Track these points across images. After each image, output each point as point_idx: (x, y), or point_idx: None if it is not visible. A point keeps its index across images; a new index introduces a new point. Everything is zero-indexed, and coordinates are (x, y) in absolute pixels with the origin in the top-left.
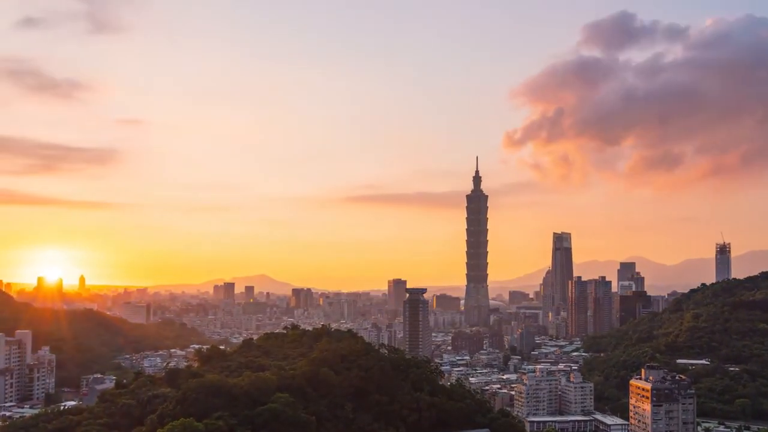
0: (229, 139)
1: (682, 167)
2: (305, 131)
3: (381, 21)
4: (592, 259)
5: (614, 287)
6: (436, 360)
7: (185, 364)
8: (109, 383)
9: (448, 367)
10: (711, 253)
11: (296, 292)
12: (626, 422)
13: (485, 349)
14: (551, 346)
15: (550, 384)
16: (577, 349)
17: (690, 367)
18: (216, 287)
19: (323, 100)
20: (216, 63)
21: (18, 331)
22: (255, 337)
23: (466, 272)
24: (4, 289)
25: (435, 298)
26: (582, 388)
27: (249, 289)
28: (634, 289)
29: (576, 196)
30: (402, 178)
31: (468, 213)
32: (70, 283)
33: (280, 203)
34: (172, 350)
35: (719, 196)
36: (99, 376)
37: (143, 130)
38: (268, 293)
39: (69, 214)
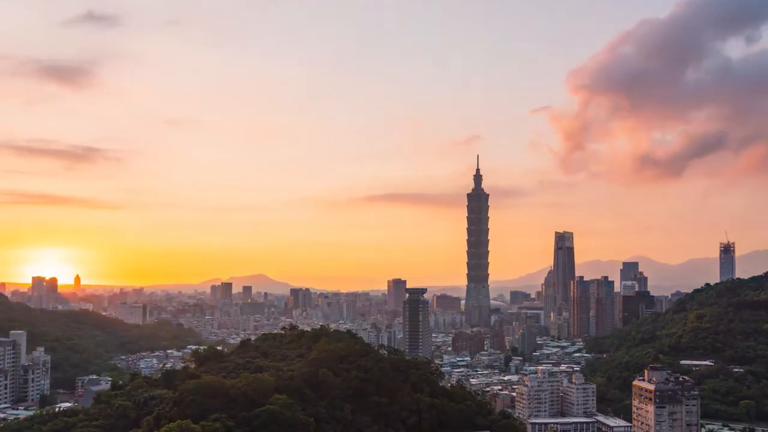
0: (231, 139)
1: (690, 164)
2: (305, 133)
3: (387, 23)
4: (595, 258)
5: (617, 287)
6: (437, 361)
7: (182, 365)
8: (104, 384)
9: (448, 368)
10: (715, 253)
11: (294, 292)
12: (629, 424)
13: (486, 350)
14: (553, 346)
15: (551, 385)
16: (579, 350)
17: (694, 368)
18: (213, 287)
19: (325, 99)
20: (241, 63)
21: (12, 331)
22: (253, 337)
23: (466, 272)
24: None
25: (435, 298)
26: (584, 389)
27: (247, 289)
28: (637, 289)
29: (578, 195)
30: (402, 177)
31: (469, 212)
32: (66, 282)
33: (279, 203)
34: (169, 351)
35: (723, 195)
36: (94, 377)
37: (162, 130)
38: (266, 293)
39: (70, 213)
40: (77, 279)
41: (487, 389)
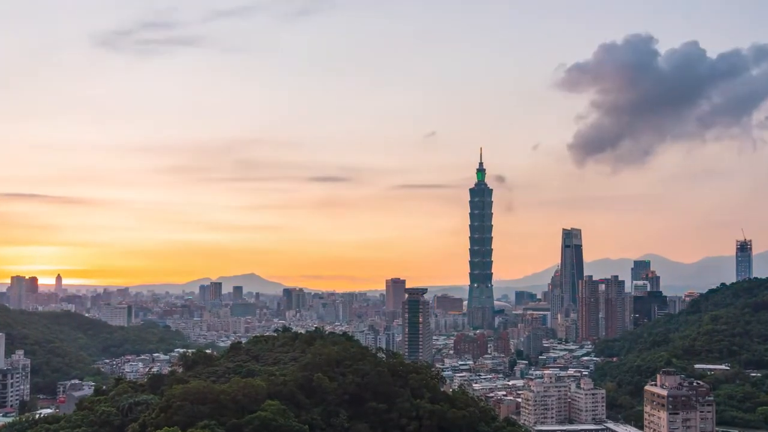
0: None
1: (699, 160)
2: (306, 123)
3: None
4: (604, 257)
5: (627, 287)
6: (437, 365)
7: (169, 369)
8: (87, 389)
9: (450, 373)
10: (731, 251)
11: (288, 292)
12: (640, 431)
13: (489, 354)
14: (560, 349)
15: (559, 390)
16: (587, 353)
17: (708, 373)
18: (202, 287)
19: (332, 92)
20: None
21: None
22: (243, 340)
23: (469, 271)
24: None
25: (436, 298)
26: (593, 394)
27: (237, 290)
28: (648, 289)
29: (585, 190)
30: (399, 171)
31: (471, 207)
32: (46, 282)
33: (273, 199)
34: (155, 354)
35: (739, 191)
36: (77, 381)
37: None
38: (257, 293)
39: (49, 208)
40: (58, 278)
41: (491, 395)
